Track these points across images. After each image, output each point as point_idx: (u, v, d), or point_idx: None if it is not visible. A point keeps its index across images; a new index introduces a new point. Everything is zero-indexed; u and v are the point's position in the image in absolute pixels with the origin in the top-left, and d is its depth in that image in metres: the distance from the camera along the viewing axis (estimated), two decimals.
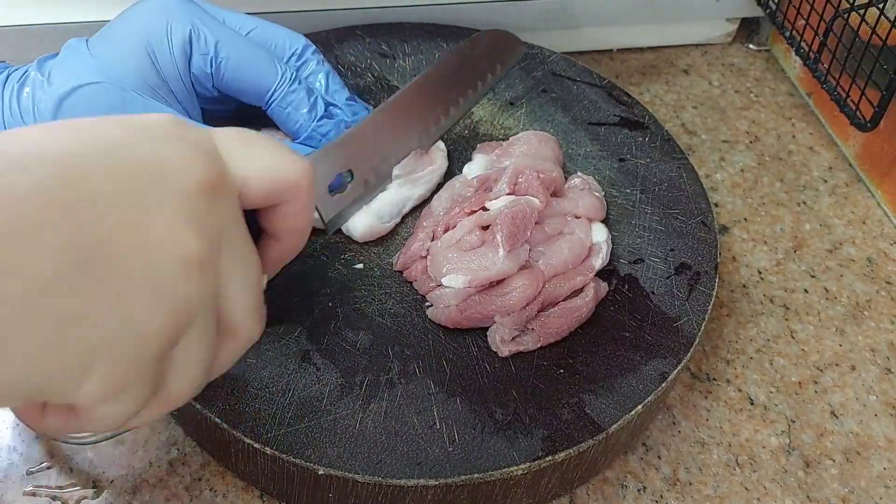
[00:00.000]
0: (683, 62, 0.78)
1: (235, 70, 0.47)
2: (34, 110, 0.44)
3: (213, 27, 0.47)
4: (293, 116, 0.49)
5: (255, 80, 0.48)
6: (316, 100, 0.49)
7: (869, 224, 0.65)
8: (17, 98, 0.45)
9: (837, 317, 0.59)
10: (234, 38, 0.48)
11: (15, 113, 0.44)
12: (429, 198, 0.54)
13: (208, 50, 0.47)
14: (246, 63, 0.48)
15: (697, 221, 0.55)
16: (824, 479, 0.51)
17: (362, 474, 0.42)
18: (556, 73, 0.64)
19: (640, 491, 0.49)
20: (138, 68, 0.46)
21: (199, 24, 0.46)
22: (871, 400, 0.54)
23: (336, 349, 0.46)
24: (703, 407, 0.53)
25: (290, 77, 0.49)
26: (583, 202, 0.52)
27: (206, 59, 0.47)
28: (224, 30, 0.47)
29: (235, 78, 0.48)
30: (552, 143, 0.56)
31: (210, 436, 0.45)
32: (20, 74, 0.46)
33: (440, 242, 0.49)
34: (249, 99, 0.49)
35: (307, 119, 0.49)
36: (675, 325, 0.49)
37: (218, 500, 0.47)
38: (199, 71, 0.47)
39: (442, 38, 0.65)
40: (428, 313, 0.48)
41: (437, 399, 0.45)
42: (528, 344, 0.47)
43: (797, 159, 0.70)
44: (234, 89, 0.48)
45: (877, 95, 0.59)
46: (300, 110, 0.49)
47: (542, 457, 0.43)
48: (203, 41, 0.46)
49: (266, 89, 0.48)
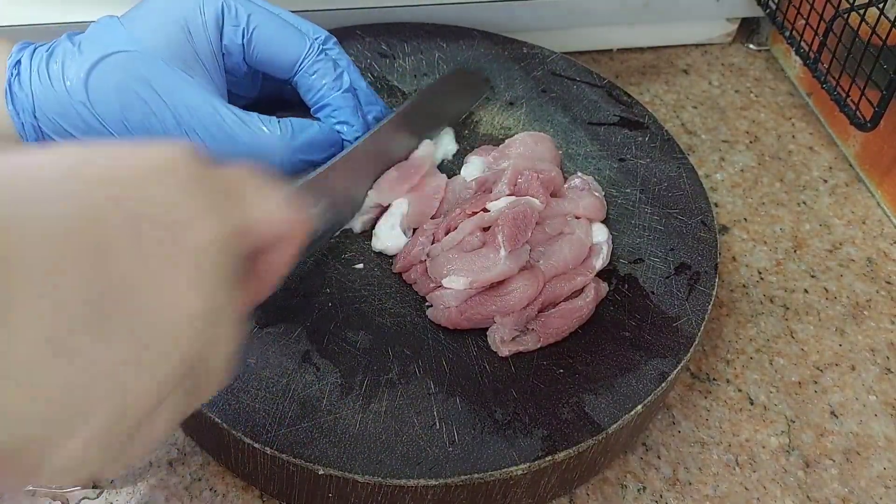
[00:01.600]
0: (683, 62, 0.78)
1: (266, 41, 0.48)
2: (63, 77, 0.44)
3: (243, 1, 0.48)
4: (317, 83, 0.50)
5: (284, 51, 0.49)
6: (342, 73, 0.50)
7: (869, 224, 0.65)
8: (45, 66, 0.45)
9: (837, 317, 0.59)
10: (265, 12, 0.49)
11: (44, 80, 0.45)
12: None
13: (239, 22, 0.47)
14: (276, 34, 0.48)
15: (697, 221, 0.55)
16: (824, 479, 0.51)
17: (362, 474, 0.42)
18: (556, 73, 0.64)
19: (640, 491, 0.49)
20: (171, 41, 0.46)
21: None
22: (871, 400, 0.54)
23: (336, 349, 0.46)
24: (702, 407, 0.53)
25: (317, 48, 0.50)
26: (583, 202, 0.52)
27: (237, 31, 0.48)
28: (254, 5, 0.48)
29: (266, 49, 0.48)
30: (548, 143, 0.56)
31: (210, 436, 0.45)
32: (48, 46, 0.46)
33: (441, 244, 0.49)
34: (278, 71, 0.50)
35: (331, 87, 0.50)
36: (675, 325, 0.49)
37: (218, 500, 0.47)
38: (231, 43, 0.48)
39: (442, 38, 0.65)
40: (428, 314, 0.48)
41: (437, 399, 0.45)
42: (528, 344, 0.47)
43: (797, 159, 0.70)
44: (264, 60, 0.49)
45: (877, 95, 0.59)
46: (325, 78, 0.50)
47: (541, 457, 0.43)
48: (234, 14, 0.47)
49: (295, 59, 0.49)
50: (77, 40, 0.46)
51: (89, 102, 0.45)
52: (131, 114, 0.45)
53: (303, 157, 0.48)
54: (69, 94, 0.44)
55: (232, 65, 0.49)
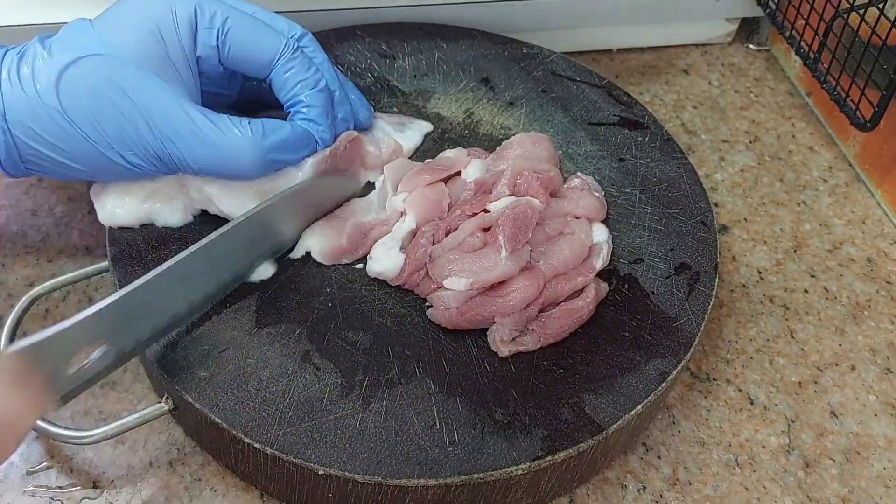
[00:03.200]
0: (683, 62, 0.78)
1: (240, 41, 0.48)
2: (33, 80, 0.44)
3: (216, 2, 0.48)
4: (291, 81, 0.49)
5: (259, 50, 0.49)
6: (316, 70, 0.50)
7: (869, 224, 0.65)
8: (16, 69, 0.45)
9: (837, 317, 0.59)
10: (238, 13, 0.48)
11: (15, 84, 0.45)
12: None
13: (213, 24, 0.47)
14: (250, 34, 0.48)
15: (697, 221, 0.55)
16: (824, 479, 0.51)
17: (362, 474, 0.42)
18: (556, 73, 0.64)
19: (640, 491, 0.49)
20: (142, 44, 0.46)
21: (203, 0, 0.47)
22: (871, 400, 0.54)
23: (336, 349, 0.46)
24: (702, 407, 0.53)
25: (292, 46, 0.49)
26: (583, 203, 0.52)
27: (211, 33, 0.47)
28: (227, 6, 0.48)
29: (240, 49, 0.48)
30: (545, 143, 0.56)
31: (210, 436, 0.45)
32: (18, 49, 0.46)
33: (442, 245, 0.49)
34: (254, 70, 0.50)
35: (304, 85, 0.50)
36: (675, 325, 0.49)
37: (218, 500, 0.47)
38: (205, 45, 0.48)
39: (442, 39, 0.65)
40: (428, 314, 0.48)
41: (437, 399, 0.45)
42: (528, 344, 0.47)
43: (797, 159, 0.70)
44: (239, 61, 0.49)
45: (877, 95, 0.59)
46: (299, 76, 0.49)
47: (541, 457, 0.43)
48: (207, 16, 0.47)
49: (270, 58, 0.49)
50: (48, 43, 0.46)
51: (61, 107, 0.44)
52: (103, 118, 0.45)
53: (275, 157, 0.48)
54: (40, 97, 0.44)
55: (208, 66, 0.49)
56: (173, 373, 0.44)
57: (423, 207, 0.51)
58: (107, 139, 0.46)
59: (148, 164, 0.47)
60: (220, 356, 0.45)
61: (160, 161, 0.47)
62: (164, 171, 0.48)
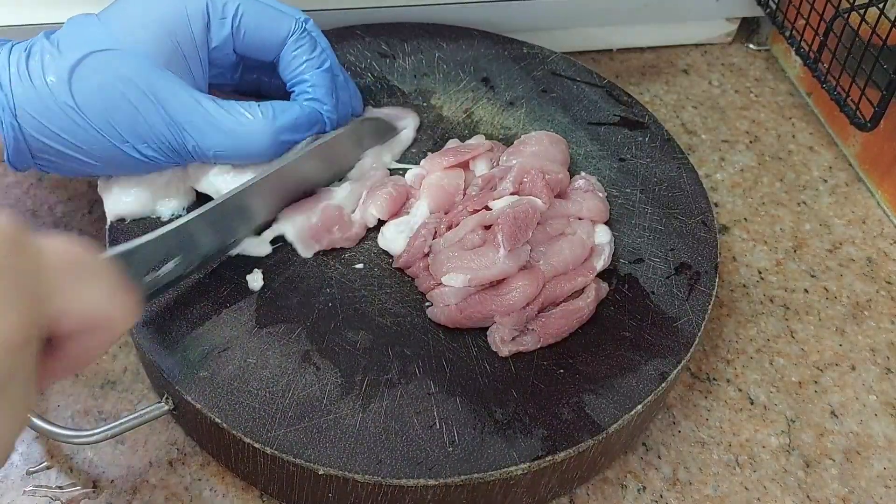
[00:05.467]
0: (683, 62, 0.78)
1: (255, 26, 0.49)
2: (44, 76, 0.45)
3: None
4: (298, 59, 0.50)
5: (272, 33, 0.50)
6: (322, 51, 0.51)
7: (869, 224, 0.65)
8: (25, 64, 0.45)
9: (837, 317, 0.59)
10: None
11: (24, 79, 0.45)
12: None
13: (226, 14, 0.48)
14: (263, 18, 0.49)
15: (697, 221, 0.55)
16: (824, 479, 0.51)
17: (362, 474, 0.42)
18: (556, 73, 0.64)
19: (640, 491, 0.49)
20: (152, 39, 0.46)
21: None
22: (871, 400, 0.54)
23: (336, 349, 0.46)
24: (703, 407, 0.53)
25: (300, 27, 0.50)
26: (587, 205, 0.52)
27: (224, 23, 0.48)
28: None
29: (256, 34, 0.49)
30: (562, 146, 0.56)
31: (210, 436, 0.45)
32: (25, 45, 0.46)
33: (442, 240, 0.49)
34: (267, 53, 0.50)
35: (310, 64, 0.50)
36: (675, 325, 0.49)
37: (218, 500, 0.47)
38: (219, 35, 0.48)
39: (442, 38, 0.65)
40: (428, 313, 0.48)
41: (437, 399, 0.45)
42: (528, 344, 0.47)
43: (797, 159, 0.70)
44: (254, 45, 0.50)
45: (877, 95, 0.59)
46: (305, 55, 0.50)
47: (541, 457, 0.43)
48: (219, 7, 0.48)
49: (283, 38, 0.50)
50: (55, 39, 0.46)
51: (74, 103, 0.45)
52: (117, 112, 0.45)
53: (286, 137, 0.49)
54: (52, 93, 0.44)
55: (220, 55, 0.49)
56: (173, 373, 0.44)
57: (436, 196, 0.52)
58: (121, 133, 0.46)
59: (163, 155, 0.47)
60: (220, 356, 0.45)
61: (175, 152, 0.47)
62: (178, 161, 0.48)
